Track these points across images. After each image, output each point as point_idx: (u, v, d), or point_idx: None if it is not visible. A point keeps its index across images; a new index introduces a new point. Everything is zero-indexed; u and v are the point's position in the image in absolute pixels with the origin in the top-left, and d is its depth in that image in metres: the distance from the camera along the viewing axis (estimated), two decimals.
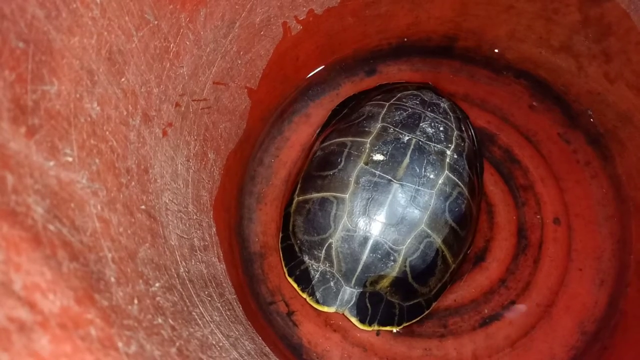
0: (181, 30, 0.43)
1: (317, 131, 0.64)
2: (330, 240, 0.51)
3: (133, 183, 0.36)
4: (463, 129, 0.57)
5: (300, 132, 0.66)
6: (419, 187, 0.50)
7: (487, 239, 0.60)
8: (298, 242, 0.54)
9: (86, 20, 0.32)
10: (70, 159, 0.28)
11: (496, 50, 0.65)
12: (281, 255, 0.55)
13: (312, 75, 0.67)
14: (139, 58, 0.38)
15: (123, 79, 0.36)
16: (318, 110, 0.67)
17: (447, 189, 0.51)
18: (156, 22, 0.39)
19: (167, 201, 0.41)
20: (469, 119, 0.62)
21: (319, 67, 0.66)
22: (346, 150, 0.53)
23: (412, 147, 0.52)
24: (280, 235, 0.56)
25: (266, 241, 0.60)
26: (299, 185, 0.56)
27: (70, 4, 0.30)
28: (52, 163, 0.26)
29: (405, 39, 0.66)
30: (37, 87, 0.27)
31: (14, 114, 0.24)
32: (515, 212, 0.61)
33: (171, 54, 0.42)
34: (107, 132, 0.33)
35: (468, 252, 0.57)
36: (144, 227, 0.35)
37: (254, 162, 0.64)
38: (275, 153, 0.65)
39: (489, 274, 0.58)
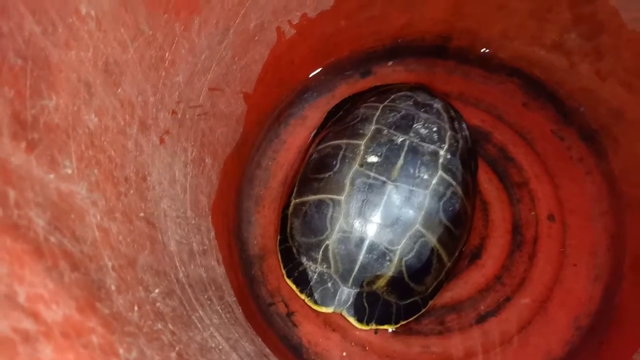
0: (176, 39, 0.43)
1: (313, 133, 0.65)
2: (327, 242, 0.52)
3: (132, 191, 0.36)
4: (457, 128, 0.58)
5: (296, 135, 0.66)
6: (413, 188, 0.51)
7: (483, 237, 0.61)
8: (296, 244, 0.54)
9: (82, 34, 0.32)
10: (69, 171, 0.29)
11: (489, 50, 0.65)
12: (279, 257, 0.56)
13: (307, 78, 0.67)
14: (135, 68, 0.39)
15: (120, 90, 0.37)
16: (314, 113, 0.67)
17: (441, 189, 0.52)
18: (151, 33, 0.40)
19: (165, 208, 0.42)
20: (463, 118, 0.63)
21: (314, 69, 0.67)
22: (341, 152, 0.54)
23: (405, 148, 0.53)
24: (278, 237, 0.57)
25: (265, 243, 0.61)
26: (295, 188, 0.57)
27: (67, 18, 0.31)
28: (52, 176, 0.27)
29: (399, 40, 0.67)
30: (36, 101, 0.28)
31: (14, 130, 0.25)
32: (510, 209, 0.62)
33: (166, 62, 0.43)
34: (105, 143, 0.34)
35: (463, 249, 0.58)
36: (143, 234, 0.36)
37: (252, 165, 0.65)
38: (273, 156, 0.66)
39: (485, 271, 0.59)
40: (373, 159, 0.52)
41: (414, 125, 0.55)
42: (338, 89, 0.69)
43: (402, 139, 0.53)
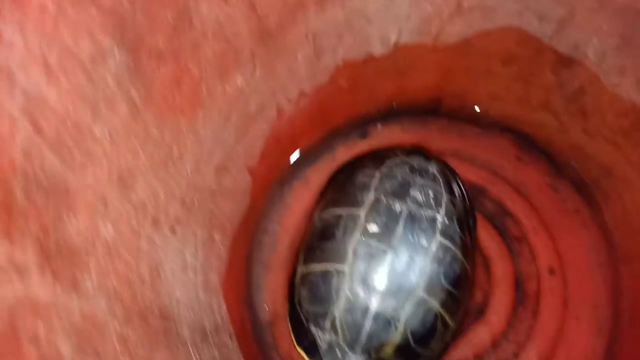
0: (182, 134, 0.46)
1: (317, 198, 0.68)
2: (333, 312, 0.54)
3: (146, 289, 0.39)
4: (453, 190, 0.60)
5: (300, 198, 0.69)
6: (414, 255, 0.53)
7: (486, 293, 0.62)
8: (304, 312, 0.57)
9: (97, 153, 0.35)
10: (90, 288, 0.32)
11: (479, 110, 0.68)
12: (289, 325, 0.58)
13: (307, 145, 0.70)
14: (146, 171, 0.42)
15: (132, 195, 0.40)
16: (316, 175, 0.70)
17: (441, 254, 0.54)
18: (159, 135, 0.43)
19: (178, 296, 0.45)
20: (459, 177, 0.65)
21: (314, 136, 0.70)
22: (342, 222, 0.56)
23: (404, 216, 0.55)
24: (288, 305, 0.59)
25: (275, 309, 0.63)
26: (301, 256, 0.59)
27: (82, 143, 0.34)
28: (74, 298, 0.30)
29: (393, 104, 0.70)
30: (58, 230, 0.30)
31: (40, 264, 0.28)
32: (511, 264, 0.64)
33: (174, 158, 0.46)
34: (121, 249, 0.37)
35: (467, 308, 0.59)
36: (158, 330, 0.38)
37: (259, 231, 0.67)
38: (278, 220, 0.68)
39: (490, 328, 0.60)
40: (373, 228, 0.55)
41: (411, 192, 0.57)
42: (338, 151, 0.72)
43: (400, 206, 0.56)
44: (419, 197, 0.57)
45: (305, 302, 0.57)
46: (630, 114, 0.54)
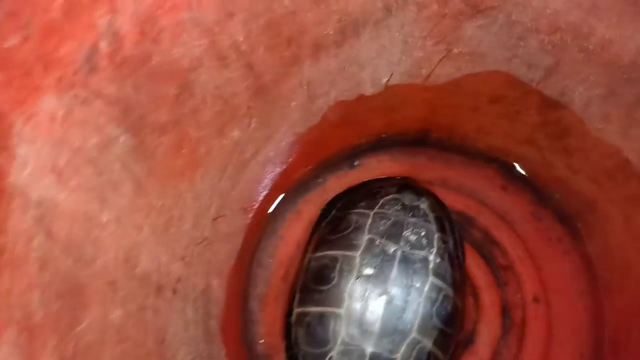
0: (182, 196, 0.47)
1: (310, 231, 0.69)
2: (330, 354, 0.55)
3: None
4: (444, 226, 0.62)
5: (293, 230, 0.70)
6: (407, 297, 0.55)
7: (474, 322, 0.65)
8: (301, 352, 0.58)
9: (105, 240, 0.36)
10: None
11: (466, 141, 0.70)
12: None
13: (299, 177, 0.71)
14: (149, 240, 0.42)
15: (137, 269, 0.40)
16: (307, 206, 0.71)
17: (433, 295, 0.56)
18: (162, 203, 0.43)
19: (182, 356, 0.46)
20: (448, 210, 0.66)
21: (305, 169, 0.71)
22: (338, 265, 0.58)
23: (397, 258, 0.57)
24: (284, 344, 0.61)
25: (271, 342, 0.65)
26: (297, 296, 0.61)
27: (91, 235, 0.34)
28: None
29: (383, 135, 0.71)
30: (73, 331, 0.31)
31: None
32: (498, 292, 0.66)
33: (175, 220, 0.46)
34: (130, 329, 0.38)
35: (458, 339, 0.62)
36: None
37: (253, 265, 0.68)
38: (272, 252, 0.69)
39: (479, 357, 0.63)
40: (368, 271, 0.56)
41: (404, 233, 0.59)
42: (328, 182, 0.73)
43: (394, 248, 0.57)
44: (412, 237, 0.59)
45: (302, 342, 0.58)
46: (614, 157, 0.56)
